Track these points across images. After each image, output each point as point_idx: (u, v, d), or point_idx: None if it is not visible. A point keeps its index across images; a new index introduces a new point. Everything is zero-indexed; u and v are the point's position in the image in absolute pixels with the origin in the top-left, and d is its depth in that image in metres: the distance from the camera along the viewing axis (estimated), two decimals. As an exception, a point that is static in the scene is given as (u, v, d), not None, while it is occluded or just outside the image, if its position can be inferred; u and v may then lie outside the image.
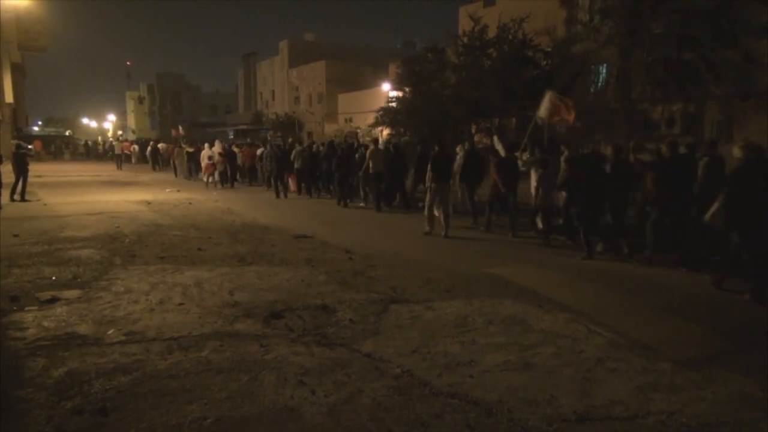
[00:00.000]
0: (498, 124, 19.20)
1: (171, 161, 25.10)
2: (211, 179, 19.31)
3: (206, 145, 21.04)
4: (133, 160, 33.72)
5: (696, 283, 6.75)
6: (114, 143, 35.95)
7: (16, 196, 14.35)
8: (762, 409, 3.64)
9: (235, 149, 21.37)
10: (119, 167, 29.53)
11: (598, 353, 4.47)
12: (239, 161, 20.68)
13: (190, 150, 22.40)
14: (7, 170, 15.97)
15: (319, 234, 9.86)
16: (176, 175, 23.67)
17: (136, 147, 35.81)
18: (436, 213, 10.17)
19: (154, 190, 17.90)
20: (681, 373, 4.14)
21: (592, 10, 15.85)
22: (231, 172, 19.78)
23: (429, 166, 10.32)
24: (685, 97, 14.71)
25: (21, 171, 14.48)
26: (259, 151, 19.76)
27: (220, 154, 19.38)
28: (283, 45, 52.37)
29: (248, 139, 32.91)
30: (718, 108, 16.46)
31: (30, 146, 36.36)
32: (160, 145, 29.95)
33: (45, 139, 48.65)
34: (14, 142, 16.59)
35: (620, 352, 4.51)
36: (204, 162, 19.57)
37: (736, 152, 6.34)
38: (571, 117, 10.77)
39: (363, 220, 12.06)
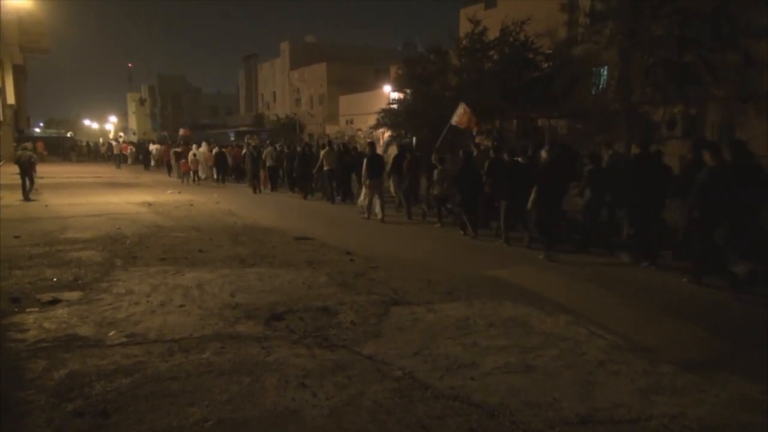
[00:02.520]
0: (499, 125, 19.21)
1: (165, 161, 26.42)
2: (187, 177, 21.29)
3: (194, 146, 23.07)
4: (129, 161, 34.88)
5: (695, 284, 6.74)
6: (113, 144, 37.59)
7: (21, 196, 14.85)
8: (763, 411, 3.64)
9: (223, 150, 22.83)
10: (117, 167, 31.17)
11: (600, 356, 4.46)
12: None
13: (179, 150, 24.03)
14: (6, 171, 16.09)
15: (320, 235, 9.85)
16: (169, 174, 24.78)
17: (133, 148, 37.17)
18: (372, 203, 12.04)
19: (155, 192, 17.91)
20: (682, 375, 4.13)
21: (592, 12, 15.84)
22: (218, 171, 21.47)
23: (364, 165, 12.14)
24: (686, 99, 14.69)
25: (24, 172, 14.92)
26: (243, 152, 21.36)
27: (194, 155, 21.37)
28: (284, 46, 52.44)
29: (250, 141, 33.48)
30: (719, 110, 16.44)
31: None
32: (155, 147, 31.41)
33: (48, 141, 48.72)
34: (17, 144, 17.05)
35: (622, 354, 4.51)
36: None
37: (543, 154, 8.51)
38: (472, 124, 13.19)
39: (363, 222, 12.05)
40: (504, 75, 17.60)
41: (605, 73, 16.45)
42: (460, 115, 13.12)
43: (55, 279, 6.66)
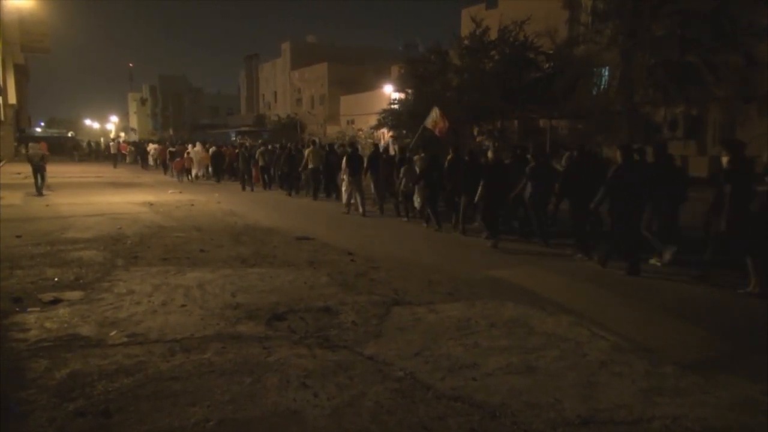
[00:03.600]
0: (500, 126, 19.20)
1: (162, 161, 27.44)
2: (181, 175, 22.60)
3: (189, 146, 24.51)
4: (127, 160, 35.86)
5: (696, 285, 6.74)
6: (110, 144, 38.71)
7: (35, 192, 15.94)
8: (765, 412, 3.63)
9: (220, 150, 23.99)
10: (114, 166, 32.13)
11: (602, 357, 4.46)
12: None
13: (174, 150, 25.27)
14: (7, 171, 16.33)
15: (321, 235, 9.85)
16: (165, 173, 25.72)
17: (132, 148, 38.25)
18: (352, 200, 13.01)
19: (156, 192, 17.91)
20: (684, 376, 4.13)
21: (594, 13, 15.84)
22: (215, 170, 22.66)
23: (344, 163, 13.12)
24: (687, 99, 14.68)
25: (36, 169, 16.06)
26: (236, 152, 22.44)
27: (188, 153, 23.03)
28: (285, 47, 52.48)
29: (243, 142, 33.86)
30: (721, 110, 16.43)
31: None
32: (153, 147, 32.33)
33: (50, 141, 49.00)
34: (18, 144, 18.23)
35: (624, 355, 4.50)
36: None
37: (490, 154, 9.66)
38: (444, 127, 14.04)
39: (364, 223, 12.06)
40: (505, 75, 17.59)
41: (606, 73, 16.43)
42: (435, 120, 13.90)
43: (56, 279, 6.66)
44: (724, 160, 6.56)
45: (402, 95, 22.64)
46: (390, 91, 26.91)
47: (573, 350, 4.59)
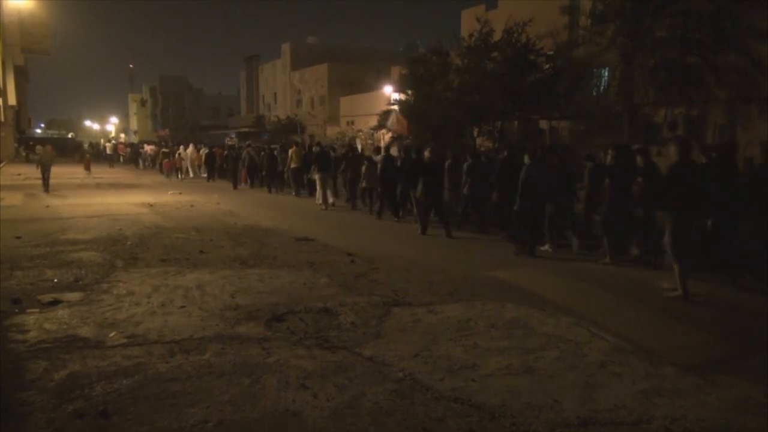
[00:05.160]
0: (500, 127, 19.18)
1: (157, 161, 28.57)
2: (171, 174, 24.05)
3: (181, 146, 25.89)
4: (122, 161, 37.16)
5: (697, 286, 6.72)
6: (107, 144, 40.38)
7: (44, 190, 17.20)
8: (765, 414, 3.62)
9: (213, 151, 25.13)
10: (111, 166, 33.56)
11: (601, 357, 4.45)
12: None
13: (166, 150, 26.70)
14: (7, 171, 16.49)
15: (321, 237, 9.85)
16: (161, 172, 26.50)
17: (129, 149, 39.67)
18: (328, 196, 14.22)
19: (155, 193, 17.92)
20: (684, 377, 4.12)
21: (593, 14, 15.80)
22: (208, 170, 23.70)
23: (314, 160, 14.39)
24: (688, 100, 14.65)
25: (45, 169, 17.62)
26: (225, 153, 23.75)
27: (178, 154, 24.50)
28: (286, 48, 52.46)
29: (249, 142, 34.07)
30: (722, 111, 16.41)
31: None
32: (149, 147, 33.67)
33: (53, 142, 49.17)
34: (18, 145, 19.39)
35: (623, 356, 4.50)
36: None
37: (426, 153, 10.61)
38: (402, 129, 15.31)
39: (364, 224, 12.06)
40: (506, 77, 17.55)
41: (606, 74, 16.41)
42: (395, 122, 15.16)
43: (55, 280, 6.66)
44: (608, 157, 7.97)
45: (402, 96, 22.60)
46: (390, 92, 26.89)
47: (572, 351, 4.59)
